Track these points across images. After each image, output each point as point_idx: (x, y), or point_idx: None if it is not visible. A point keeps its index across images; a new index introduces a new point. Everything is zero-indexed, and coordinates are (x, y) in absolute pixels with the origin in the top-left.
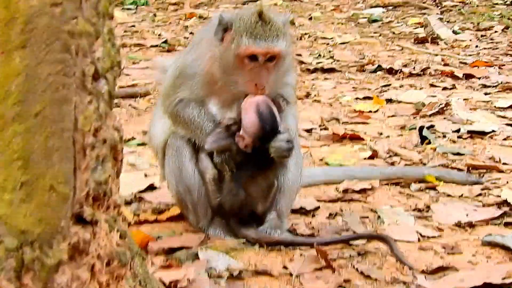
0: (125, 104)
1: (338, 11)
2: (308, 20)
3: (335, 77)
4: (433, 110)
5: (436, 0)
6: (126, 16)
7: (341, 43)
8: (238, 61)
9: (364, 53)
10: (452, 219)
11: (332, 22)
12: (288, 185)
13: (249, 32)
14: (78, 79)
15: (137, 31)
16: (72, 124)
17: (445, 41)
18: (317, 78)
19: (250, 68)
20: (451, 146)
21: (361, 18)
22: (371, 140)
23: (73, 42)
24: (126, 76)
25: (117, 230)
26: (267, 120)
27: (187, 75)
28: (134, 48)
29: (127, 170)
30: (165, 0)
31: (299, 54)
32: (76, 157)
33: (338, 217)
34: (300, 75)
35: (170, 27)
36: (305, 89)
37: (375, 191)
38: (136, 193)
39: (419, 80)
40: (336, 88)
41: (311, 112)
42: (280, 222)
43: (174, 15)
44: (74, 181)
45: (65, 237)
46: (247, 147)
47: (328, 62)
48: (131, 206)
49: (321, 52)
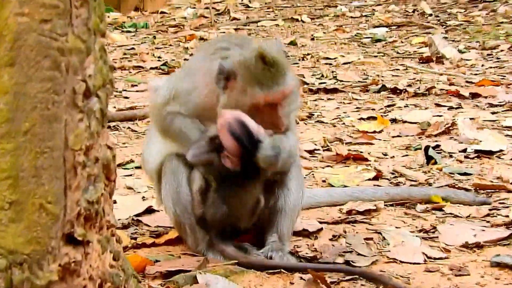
0: (124, 127)
1: (341, 31)
2: (311, 41)
3: (338, 97)
4: (439, 130)
5: (440, 19)
6: (125, 38)
7: (344, 63)
8: (254, 108)
9: (367, 73)
10: (460, 240)
11: (334, 42)
12: (290, 206)
13: (260, 82)
14: (68, 97)
15: (136, 54)
16: (63, 142)
17: (450, 60)
18: (320, 99)
19: (268, 112)
20: (458, 166)
21: (364, 38)
22: (376, 161)
23: (63, 59)
24: (124, 99)
25: (110, 251)
26: (242, 137)
27: (182, 99)
28: (133, 71)
29: (125, 193)
30: (165, 23)
31: (301, 74)
32: (67, 176)
33: (341, 239)
34: (303, 96)
35: (170, 49)
36: (308, 110)
37: (379, 212)
38: (134, 216)
39: (424, 100)
40: (339, 108)
41: (314, 133)
42: (282, 244)
43: (174, 37)
44: (65, 200)
45: (55, 258)
46: (235, 165)
47: (331, 83)
48: (128, 229)
49: (324, 72)
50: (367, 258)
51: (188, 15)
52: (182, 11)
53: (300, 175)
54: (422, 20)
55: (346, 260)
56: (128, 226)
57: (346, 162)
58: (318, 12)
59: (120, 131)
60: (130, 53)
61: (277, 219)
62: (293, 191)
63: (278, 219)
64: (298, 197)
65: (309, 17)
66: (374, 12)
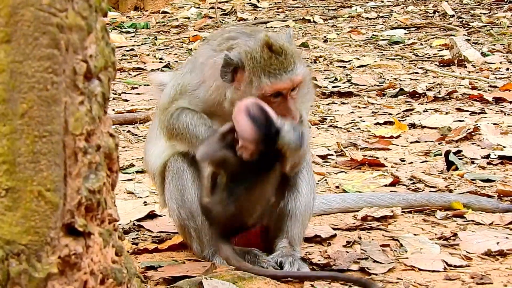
0: (124, 130)
1: (356, 33)
2: (323, 43)
3: (352, 101)
4: (460, 135)
5: (462, 21)
6: (124, 39)
7: (359, 66)
8: (263, 100)
9: (384, 77)
10: (482, 248)
11: (349, 45)
12: (300, 210)
13: (267, 71)
14: (68, 78)
15: (136, 55)
16: (62, 126)
17: (472, 63)
18: (333, 103)
19: (277, 103)
20: (480, 172)
21: (381, 40)
22: (392, 167)
23: (63, 37)
24: (124, 102)
25: (112, 245)
26: (261, 121)
27: (189, 94)
28: (133, 73)
29: (126, 198)
30: (167, 23)
31: (313, 77)
32: (67, 162)
33: (356, 245)
34: (315, 100)
35: (172, 51)
36: (320, 114)
37: (396, 219)
38: (135, 221)
39: (444, 105)
40: (354, 113)
41: (327, 138)
42: (292, 250)
43: (177, 38)
44: (65, 188)
45: (54, 249)
46: (252, 155)
47: (345, 86)
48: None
49: (337, 75)
50: (383, 265)
51: (191, 15)
52: (186, 10)
53: (311, 178)
54: (443, 21)
55: (361, 267)
56: (129, 232)
57: (361, 168)
58: (332, 13)
59: (120, 134)
60: (129, 54)
61: (286, 223)
62: (304, 194)
63: (288, 223)
64: (309, 201)
65: (322, 18)
66: (391, 13)
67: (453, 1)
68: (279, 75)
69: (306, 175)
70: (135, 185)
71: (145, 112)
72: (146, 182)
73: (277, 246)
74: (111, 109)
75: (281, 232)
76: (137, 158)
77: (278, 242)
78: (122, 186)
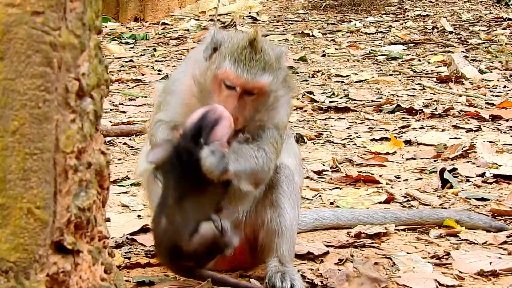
0: (120, 142)
1: (354, 47)
2: (321, 57)
3: (349, 117)
4: (456, 153)
5: (461, 37)
6: (123, 50)
7: (357, 81)
8: (215, 84)
9: (382, 92)
10: (474, 268)
11: (347, 59)
12: (286, 226)
13: (233, 57)
14: (60, 96)
15: (135, 66)
16: (53, 144)
17: (470, 80)
18: (329, 118)
19: (226, 95)
20: (475, 190)
21: (379, 56)
22: (387, 184)
23: (56, 55)
24: (121, 113)
25: (101, 263)
26: (203, 120)
27: (169, 92)
28: (131, 84)
29: (120, 211)
30: (166, 34)
31: (310, 92)
32: (57, 179)
33: (348, 263)
34: (311, 114)
35: (171, 63)
36: (317, 129)
37: (390, 237)
38: (128, 235)
39: (441, 122)
40: (350, 128)
41: (323, 153)
42: (283, 267)
43: (176, 50)
44: (54, 205)
45: (43, 267)
46: None
47: (342, 101)
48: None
49: (335, 90)
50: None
51: (191, 27)
52: (185, 22)
53: (293, 192)
54: (442, 37)
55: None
56: (122, 245)
57: (356, 184)
58: (331, 27)
59: (116, 146)
60: (128, 65)
61: (275, 242)
62: (287, 209)
63: (276, 241)
64: (293, 215)
65: (321, 32)
66: (390, 28)
67: (452, 17)
68: (240, 67)
69: (286, 189)
70: (129, 198)
71: (142, 124)
72: (140, 195)
73: (268, 266)
74: (107, 121)
75: (270, 252)
76: (133, 171)
77: (269, 261)
78: (116, 199)
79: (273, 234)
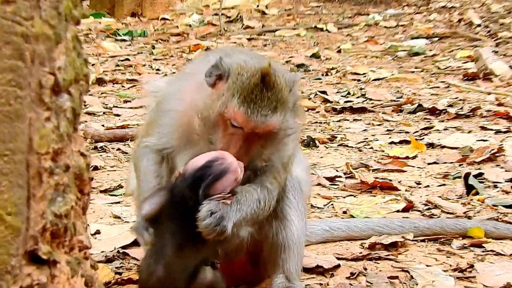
0: (113, 148)
1: (373, 42)
2: (336, 53)
3: (366, 118)
4: (483, 156)
5: (490, 31)
6: (119, 48)
7: (375, 79)
8: (220, 120)
9: (402, 91)
10: (501, 281)
11: (364, 56)
12: (293, 240)
13: (242, 96)
14: (33, 92)
15: (131, 65)
16: (26, 144)
17: (500, 77)
18: (344, 119)
19: (231, 133)
20: (503, 197)
21: (400, 51)
22: (407, 190)
23: (28, 47)
24: (115, 117)
25: (82, 275)
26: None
27: (163, 111)
28: (126, 85)
29: (111, 223)
30: (166, 30)
31: (323, 91)
32: (30, 183)
33: (361, 277)
34: (324, 116)
35: (171, 61)
36: (330, 132)
37: (408, 248)
38: (119, 248)
39: (467, 122)
40: (367, 130)
41: (336, 158)
42: (291, 284)
43: (176, 47)
44: (28, 211)
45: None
46: None
47: (359, 101)
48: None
49: (350, 89)
50: None
51: (193, 23)
52: (187, 17)
53: (300, 203)
54: (469, 31)
55: None
56: (113, 260)
57: (372, 192)
58: (347, 21)
59: (109, 152)
60: (124, 64)
61: (281, 257)
62: (294, 220)
63: (282, 256)
64: (301, 227)
65: (336, 26)
66: (412, 21)
67: (480, 9)
68: (250, 109)
69: (293, 200)
70: (122, 208)
71: (137, 128)
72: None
73: (274, 283)
74: (100, 125)
75: (276, 267)
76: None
77: (274, 278)
78: (108, 210)
79: (279, 249)
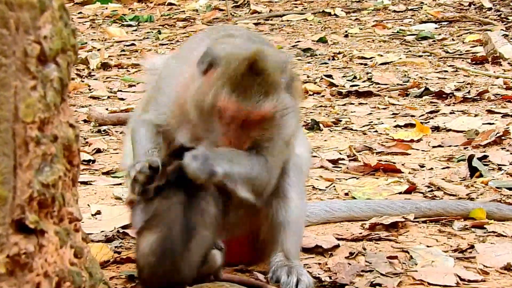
0: (116, 131)
1: (381, 27)
2: (344, 38)
3: (372, 102)
4: (488, 139)
5: (501, 14)
6: (124, 33)
7: (382, 63)
8: (214, 111)
9: (409, 75)
10: (501, 261)
11: (372, 40)
12: (292, 218)
13: (231, 84)
14: (18, 60)
15: (136, 50)
16: (11, 113)
17: (508, 61)
18: (350, 103)
19: (227, 123)
20: (508, 179)
21: (408, 35)
22: (410, 173)
23: (12, 15)
24: (120, 101)
25: (71, 246)
26: None
27: (161, 90)
28: (131, 69)
29: (112, 204)
30: (173, 16)
31: (329, 75)
32: (17, 152)
33: (360, 256)
34: (329, 100)
35: (176, 46)
36: (335, 115)
37: (408, 229)
38: (120, 228)
39: (474, 106)
40: (372, 114)
41: (340, 141)
42: (289, 261)
43: (183, 32)
44: (14, 180)
45: (2, 247)
46: None
47: (365, 85)
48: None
49: (356, 73)
50: (389, 279)
51: (200, 7)
52: (194, 2)
53: (302, 182)
54: (479, 14)
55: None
56: (112, 239)
57: (374, 174)
58: (355, 5)
59: (112, 135)
60: (129, 49)
61: (280, 235)
62: (294, 199)
63: (281, 235)
64: (301, 206)
65: (344, 10)
66: (421, 5)
67: None
68: (240, 98)
69: (294, 178)
70: (123, 190)
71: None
72: None
73: (272, 261)
74: (104, 108)
75: (275, 245)
76: None
77: (273, 256)
78: (109, 191)
79: (279, 227)
